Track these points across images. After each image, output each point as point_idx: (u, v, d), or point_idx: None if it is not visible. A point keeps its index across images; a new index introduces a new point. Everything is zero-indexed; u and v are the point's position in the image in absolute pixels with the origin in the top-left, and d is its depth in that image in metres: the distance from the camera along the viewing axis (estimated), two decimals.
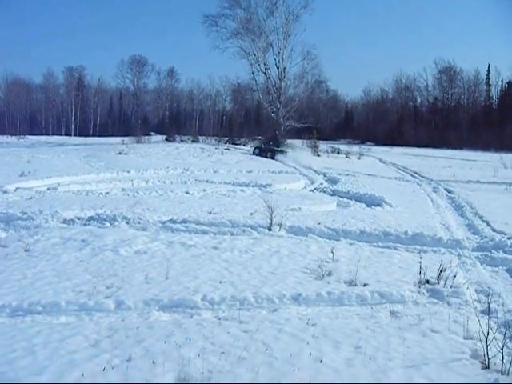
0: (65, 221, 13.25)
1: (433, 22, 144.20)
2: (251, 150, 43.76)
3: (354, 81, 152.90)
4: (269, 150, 42.51)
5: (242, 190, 20.33)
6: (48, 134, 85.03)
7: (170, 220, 12.99)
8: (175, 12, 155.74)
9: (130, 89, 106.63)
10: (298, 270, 8.92)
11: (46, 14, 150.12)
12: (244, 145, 47.98)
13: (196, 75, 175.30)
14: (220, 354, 5.43)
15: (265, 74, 54.65)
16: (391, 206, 17.19)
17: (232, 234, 11.77)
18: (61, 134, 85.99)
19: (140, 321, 6.62)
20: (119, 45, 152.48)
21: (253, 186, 21.65)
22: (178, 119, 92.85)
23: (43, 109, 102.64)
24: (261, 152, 42.23)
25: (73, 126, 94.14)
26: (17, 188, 19.40)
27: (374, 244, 11.42)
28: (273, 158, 39.86)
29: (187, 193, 19.01)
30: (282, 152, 41.87)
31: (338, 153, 46.39)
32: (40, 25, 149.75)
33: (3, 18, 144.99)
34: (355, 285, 8.09)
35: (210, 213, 14.36)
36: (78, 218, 13.39)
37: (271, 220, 12.40)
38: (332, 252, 9.69)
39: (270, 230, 12.26)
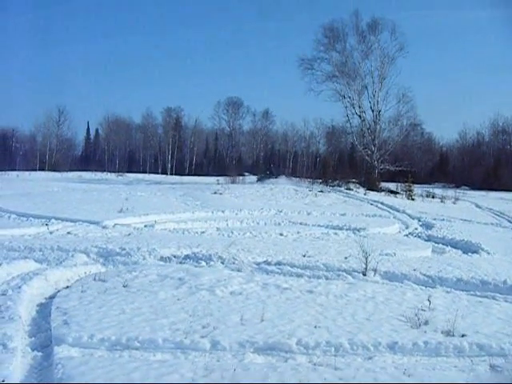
0: (162, 258, 13.54)
1: None
2: (344, 191, 44.05)
3: (449, 124, 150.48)
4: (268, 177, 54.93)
5: (335, 233, 20.23)
6: (145, 172, 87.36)
7: (264, 261, 13.05)
8: (271, 55, 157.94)
9: (226, 129, 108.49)
10: (393, 317, 8.76)
11: (146, 57, 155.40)
12: (339, 186, 47.84)
13: (290, 117, 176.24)
14: None
15: (359, 116, 54.67)
16: (488, 253, 16.70)
17: (327, 278, 11.70)
18: (158, 173, 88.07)
19: (235, 362, 6.64)
20: (216, 87, 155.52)
21: (346, 230, 21.48)
22: (271, 160, 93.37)
23: (141, 147, 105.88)
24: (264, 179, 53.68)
25: (169, 165, 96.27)
26: (115, 224, 19.99)
27: (472, 293, 11.07)
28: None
29: (281, 234, 19.07)
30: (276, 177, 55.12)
31: (433, 197, 45.49)
32: (141, 67, 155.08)
33: (105, 62, 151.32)
34: (453, 335, 7.85)
35: (305, 256, 14.33)
36: (175, 256, 13.66)
37: (366, 265, 12.25)
38: (428, 300, 9.48)
39: (364, 275, 12.11)
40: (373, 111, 54.41)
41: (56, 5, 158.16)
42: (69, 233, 17.38)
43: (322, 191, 42.51)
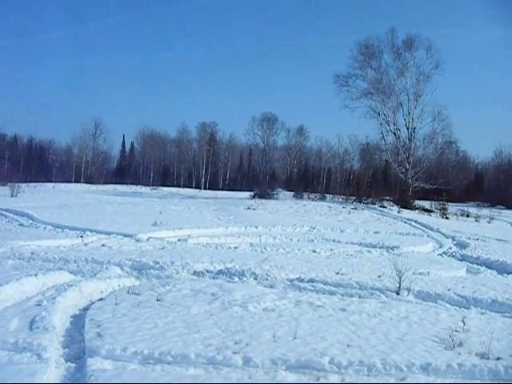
0: (195, 273, 13.58)
1: None
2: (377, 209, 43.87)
3: (484, 142, 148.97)
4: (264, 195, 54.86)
5: (369, 251, 20.10)
6: (179, 186, 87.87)
7: (297, 278, 13.00)
8: (305, 71, 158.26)
9: (260, 145, 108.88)
10: (427, 338, 8.63)
11: (182, 72, 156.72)
12: (373, 204, 47.65)
13: (325, 133, 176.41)
14: None
15: (394, 134, 54.46)
16: None
17: (360, 297, 11.60)
18: (191, 187, 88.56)
19: (267, 379, 6.62)
20: (251, 102, 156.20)
21: (380, 248, 21.33)
22: (305, 176, 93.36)
23: (176, 162, 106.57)
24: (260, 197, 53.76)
25: (203, 180, 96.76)
26: (149, 237, 20.13)
27: (507, 315, 10.85)
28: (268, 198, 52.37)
29: (314, 251, 18.99)
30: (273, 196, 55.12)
31: (468, 216, 45.12)
32: (177, 81, 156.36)
33: (142, 76, 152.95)
34: (488, 358, 7.71)
35: (338, 273, 14.25)
36: (208, 271, 13.68)
37: (399, 284, 12.14)
38: (463, 321, 9.34)
39: (398, 294, 11.99)
40: (408, 129, 54.19)
41: (92, 19, 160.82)
42: (103, 245, 17.53)
43: (355, 208, 42.39)
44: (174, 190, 77.22)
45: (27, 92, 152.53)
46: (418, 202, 50.03)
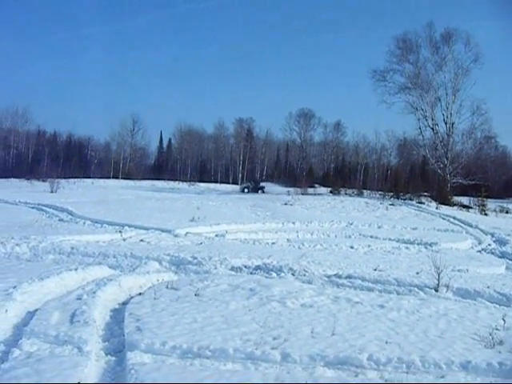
0: (233, 268, 13.63)
1: None
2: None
3: None
4: (252, 188, 61.90)
5: (406, 248, 19.97)
6: (217, 182, 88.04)
7: (335, 275, 12.97)
8: (343, 66, 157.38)
9: (297, 141, 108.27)
10: (466, 335, 8.53)
11: (219, 68, 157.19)
12: (410, 200, 47.20)
13: (362, 129, 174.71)
14: None
15: (432, 129, 53.89)
16: None
17: (398, 293, 11.52)
18: (228, 183, 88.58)
19: (305, 375, 6.60)
20: (287, 98, 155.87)
21: (418, 244, 21.16)
22: (342, 172, 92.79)
23: (213, 157, 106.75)
24: (248, 191, 60.68)
25: (240, 175, 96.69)
26: (187, 233, 20.25)
27: None
28: (257, 192, 59.47)
29: (352, 247, 18.93)
30: (261, 189, 61.32)
31: (507, 212, 44.41)
32: (214, 77, 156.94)
33: (179, 72, 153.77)
34: None
35: (376, 269, 14.20)
36: (246, 266, 13.73)
37: (438, 281, 12.03)
38: (503, 319, 9.21)
39: (436, 291, 11.88)
40: (446, 124, 53.57)
41: (130, 16, 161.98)
42: (142, 240, 17.70)
43: (393, 204, 42.05)
44: (212, 185, 77.49)
45: (66, 89, 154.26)
46: (456, 198, 49.39)
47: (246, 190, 61.75)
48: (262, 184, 66.46)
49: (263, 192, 60.62)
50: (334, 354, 7.20)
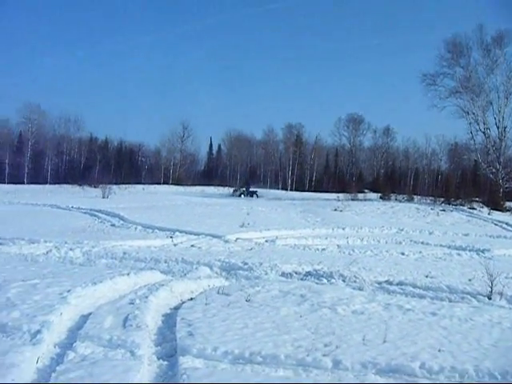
0: (283, 274, 13.61)
1: None
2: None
3: None
4: (243, 192, 63.06)
5: (458, 254, 19.65)
6: (266, 188, 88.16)
7: (386, 281, 12.86)
8: (392, 70, 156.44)
9: (346, 146, 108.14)
10: None
11: (268, 74, 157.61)
12: (462, 205, 46.55)
13: (412, 134, 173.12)
14: None
15: (484, 133, 53.11)
16: None
17: (450, 301, 11.34)
18: (278, 188, 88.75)
19: (357, 383, 6.58)
20: (336, 103, 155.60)
21: (470, 250, 20.77)
22: (392, 177, 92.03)
23: (262, 163, 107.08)
24: (240, 194, 62.34)
25: (289, 181, 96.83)
26: (237, 238, 20.35)
27: None
28: (252, 196, 61.25)
29: (402, 254, 18.71)
30: (253, 194, 62.67)
31: None
32: (262, 84, 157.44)
33: (228, 78, 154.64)
34: None
35: (427, 276, 14.02)
36: (296, 273, 13.70)
37: (491, 288, 11.82)
38: None
39: (490, 298, 11.66)
40: (498, 128, 52.72)
41: (180, 23, 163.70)
42: (192, 246, 17.85)
43: (444, 210, 41.55)
44: (261, 191, 77.67)
45: (117, 96, 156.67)
46: (509, 204, 48.54)
47: (242, 196, 62.14)
48: (253, 189, 67.12)
49: (257, 197, 61.68)
50: (386, 361, 7.14)
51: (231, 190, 68.77)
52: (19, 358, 6.64)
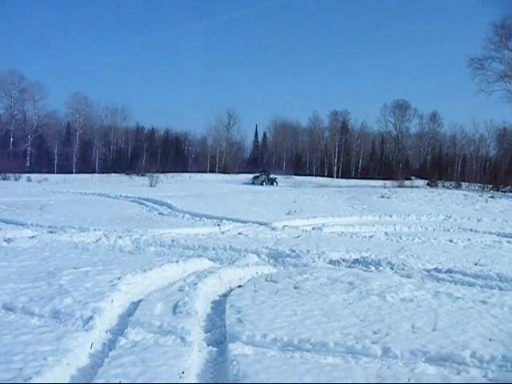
0: (331, 261, 13.58)
1: None
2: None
3: None
4: (265, 180, 63.10)
5: (508, 242, 19.30)
6: (312, 175, 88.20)
7: (434, 269, 12.73)
8: (438, 55, 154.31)
9: (392, 133, 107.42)
10: None
11: (312, 61, 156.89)
12: (511, 192, 45.76)
13: (459, 119, 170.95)
14: None
15: None
16: None
17: (500, 289, 11.15)
18: (324, 176, 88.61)
19: (406, 371, 6.53)
20: (382, 89, 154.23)
21: None
22: (439, 164, 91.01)
23: (308, 151, 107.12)
24: (262, 182, 61.62)
25: (335, 168, 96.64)
26: (284, 226, 20.38)
27: None
28: (272, 184, 60.84)
29: (450, 241, 18.49)
30: (273, 181, 63.11)
31: None
32: (307, 71, 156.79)
33: (273, 66, 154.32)
34: None
35: (476, 264, 13.85)
36: (343, 260, 13.66)
37: None
38: None
39: None
40: None
41: (225, 12, 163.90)
42: (240, 233, 17.92)
43: (492, 197, 40.95)
44: (307, 178, 77.73)
45: (163, 86, 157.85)
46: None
47: (264, 184, 61.76)
48: (273, 176, 66.92)
49: (277, 184, 61.76)
50: (436, 349, 7.08)
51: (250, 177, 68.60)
52: (73, 343, 6.80)
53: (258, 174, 66.36)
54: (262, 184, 60.37)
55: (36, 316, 8.00)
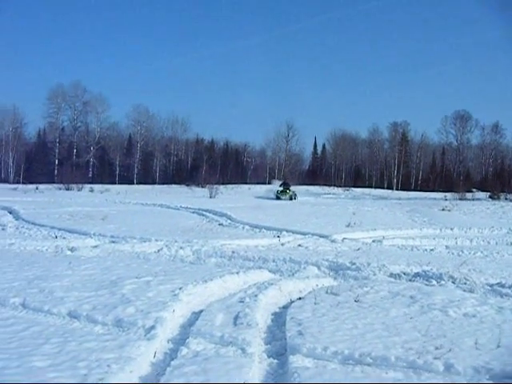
0: (391, 275, 13.46)
1: None
2: None
3: None
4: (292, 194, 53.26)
5: None
6: (371, 187, 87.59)
7: (497, 283, 12.47)
8: (497, 64, 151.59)
9: (453, 144, 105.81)
10: None
11: (372, 72, 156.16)
12: None
13: None
14: None
15: None
16: None
17: None
18: (383, 188, 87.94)
19: None
20: (443, 100, 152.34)
21: None
22: (501, 176, 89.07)
23: (367, 162, 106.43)
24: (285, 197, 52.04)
25: (395, 180, 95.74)
26: (344, 238, 20.29)
27: None
28: (291, 199, 51.42)
29: None
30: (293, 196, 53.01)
31: None
32: (367, 83, 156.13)
33: (331, 78, 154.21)
34: None
35: None
36: (404, 273, 13.51)
37: None
38: None
39: None
40: None
41: (284, 26, 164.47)
42: (299, 245, 17.91)
43: None
44: (366, 190, 77.19)
45: (222, 98, 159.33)
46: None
47: (292, 199, 52.33)
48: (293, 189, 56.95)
49: (295, 199, 52.64)
50: (500, 367, 6.94)
51: (272, 190, 59.54)
52: (136, 352, 6.94)
53: (281, 188, 56.08)
54: (290, 199, 51.69)
55: (99, 324, 8.21)
